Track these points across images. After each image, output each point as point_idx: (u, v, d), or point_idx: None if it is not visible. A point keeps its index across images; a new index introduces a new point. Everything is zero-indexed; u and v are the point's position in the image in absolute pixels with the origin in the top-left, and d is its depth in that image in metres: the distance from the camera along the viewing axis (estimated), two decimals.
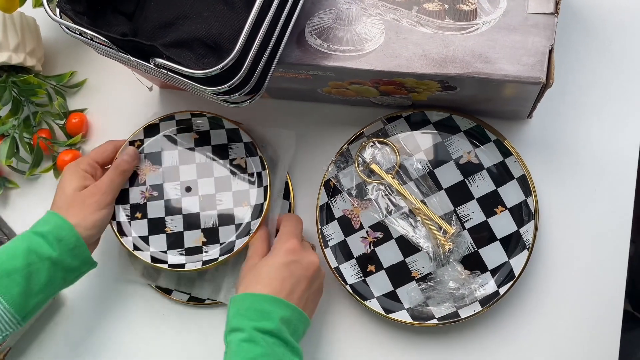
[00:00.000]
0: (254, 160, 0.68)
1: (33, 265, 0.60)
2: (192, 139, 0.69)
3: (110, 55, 0.59)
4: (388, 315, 0.65)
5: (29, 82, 0.73)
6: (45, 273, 0.60)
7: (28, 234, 0.62)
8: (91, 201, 0.64)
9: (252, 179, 0.68)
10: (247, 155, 0.68)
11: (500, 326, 0.66)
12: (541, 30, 0.56)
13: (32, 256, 0.60)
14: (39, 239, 0.61)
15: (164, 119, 0.70)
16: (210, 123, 0.69)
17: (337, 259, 0.67)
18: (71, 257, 0.62)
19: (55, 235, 0.61)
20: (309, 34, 0.60)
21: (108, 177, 0.67)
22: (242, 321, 0.57)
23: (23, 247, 0.60)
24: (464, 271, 0.64)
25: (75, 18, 0.57)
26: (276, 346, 0.56)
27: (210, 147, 0.69)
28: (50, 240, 0.61)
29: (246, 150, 0.68)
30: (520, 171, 0.64)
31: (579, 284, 0.65)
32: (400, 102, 0.67)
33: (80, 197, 0.64)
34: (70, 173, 0.66)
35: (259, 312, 0.57)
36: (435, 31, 0.57)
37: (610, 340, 0.64)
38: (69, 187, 0.65)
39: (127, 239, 0.68)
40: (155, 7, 0.60)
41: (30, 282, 0.60)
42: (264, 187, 0.67)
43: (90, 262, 0.65)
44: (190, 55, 0.56)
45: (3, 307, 0.58)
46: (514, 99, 0.61)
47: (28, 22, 0.75)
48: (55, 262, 0.61)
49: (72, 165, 0.67)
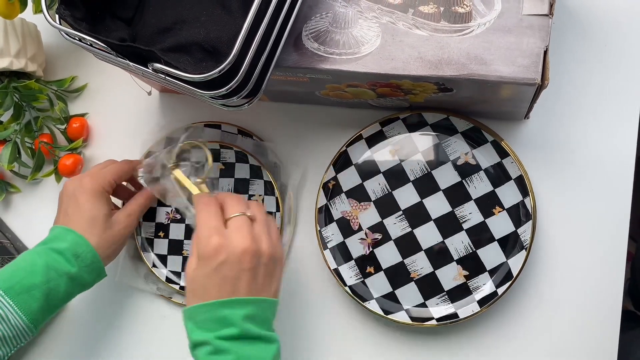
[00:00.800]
0: (270, 199, 0.70)
1: (52, 281, 0.60)
2: (219, 170, 0.72)
3: (109, 61, 0.60)
4: (387, 316, 0.65)
5: (30, 88, 0.74)
6: (63, 289, 0.61)
7: (45, 250, 0.62)
8: (119, 228, 0.65)
9: None
10: (265, 193, 0.71)
11: (499, 326, 0.66)
12: (536, 31, 0.56)
13: (52, 273, 0.60)
14: (57, 255, 0.61)
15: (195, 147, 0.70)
16: (236, 156, 0.72)
17: (336, 261, 0.67)
18: (87, 273, 0.62)
19: (72, 252, 0.61)
20: (306, 37, 0.60)
21: (139, 205, 0.68)
22: (203, 334, 0.53)
23: (41, 263, 0.60)
24: (463, 271, 0.65)
25: (75, 24, 0.58)
26: (246, 346, 0.52)
27: (233, 180, 0.72)
28: (68, 257, 0.61)
29: (265, 188, 0.71)
30: (517, 172, 0.65)
31: (577, 283, 0.65)
32: (398, 104, 0.67)
33: (106, 222, 0.64)
34: (94, 195, 0.64)
35: (217, 320, 0.53)
36: (431, 33, 0.58)
37: (609, 340, 0.64)
38: (94, 210, 0.63)
39: (149, 255, 0.72)
40: (153, 12, 0.61)
41: (49, 297, 0.60)
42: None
43: (103, 274, 0.65)
44: (188, 59, 0.56)
45: (23, 322, 0.59)
46: (510, 100, 0.61)
47: (29, 28, 0.76)
48: (72, 277, 0.61)
49: (93, 185, 0.64)
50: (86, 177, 0.65)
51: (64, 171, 0.74)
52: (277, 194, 0.70)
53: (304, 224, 0.71)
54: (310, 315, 0.69)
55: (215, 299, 0.53)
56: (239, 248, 0.53)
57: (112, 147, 0.77)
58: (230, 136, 0.73)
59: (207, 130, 0.73)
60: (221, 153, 0.72)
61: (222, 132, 0.73)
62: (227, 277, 0.53)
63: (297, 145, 0.72)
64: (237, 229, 0.54)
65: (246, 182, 0.71)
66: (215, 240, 0.53)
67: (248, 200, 0.66)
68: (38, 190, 0.78)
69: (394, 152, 0.68)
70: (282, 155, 0.72)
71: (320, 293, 0.70)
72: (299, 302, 0.70)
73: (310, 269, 0.70)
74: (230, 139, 0.73)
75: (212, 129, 0.73)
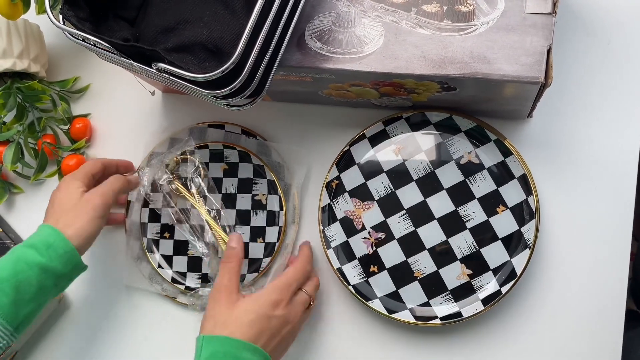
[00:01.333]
0: (273, 198, 0.70)
1: (22, 273, 0.58)
2: (222, 170, 0.72)
3: (112, 61, 0.60)
4: (391, 315, 0.65)
5: (34, 88, 0.74)
6: (35, 280, 0.59)
7: (18, 247, 0.61)
8: (86, 208, 0.63)
9: (270, 217, 0.70)
10: (268, 192, 0.71)
11: (503, 325, 0.66)
12: (539, 30, 0.56)
13: (20, 264, 0.59)
14: (28, 248, 0.60)
15: (199, 147, 0.72)
16: (239, 156, 0.72)
17: (340, 260, 0.67)
18: (62, 264, 0.60)
19: (44, 242, 0.60)
20: (309, 37, 0.60)
21: (111, 185, 0.66)
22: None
23: (10, 257, 0.59)
24: (466, 270, 0.65)
25: (78, 24, 0.58)
26: None
27: (237, 180, 0.72)
28: (39, 247, 0.60)
29: (268, 187, 0.71)
30: (520, 170, 0.65)
31: (580, 282, 0.65)
32: (401, 103, 0.67)
33: (74, 204, 0.63)
34: (65, 184, 0.65)
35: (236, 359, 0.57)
36: (434, 32, 0.58)
37: (613, 338, 0.64)
38: (62, 197, 0.64)
39: (154, 256, 0.72)
40: (156, 12, 0.61)
41: (20, 291, 0.58)
42: (279, 227, 0.70)
43: (81, 266, 0.63)
44: (191, 59, 0.57)
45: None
46: (514, 98, 0.61)
47: (32, 29, 0.76)
48: (44, 268, 0.59)
49: (67, 177, 0.66)
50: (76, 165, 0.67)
51: (67, 171, 0.74)
52: (281, 193, 0.70)
53: (308, 224, 0.71)
54: (314, 314, 0.69)
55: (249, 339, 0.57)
56: (292, 317, 0.61)
57: (115, 147, 0.77)
58: (234, 136, 0.73)
59: (210, 131, 0.73)
60: (225, 153, 0.72)
61: (225, 132, 0.73)
62: (272, 328, 0.59)
63: (301, 144, 0.72)
64: (300, 304, 0.63)
65: (249, 181, 0.71)
66: (287, 298, 0.61)
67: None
68: (41, 191, 0.78)
69: (397, 151, 0.68)
70: (286, 155, 0.72)
71: (323, 292, 0.70)
72: None
73: (314, 268, 0.70)
74: (234, 139, 0.73)
75: (216, 129, 0.73)
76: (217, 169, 0.72)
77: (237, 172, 0.72)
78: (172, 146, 0.73)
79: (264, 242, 0.70)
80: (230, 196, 0.71)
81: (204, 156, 0.72)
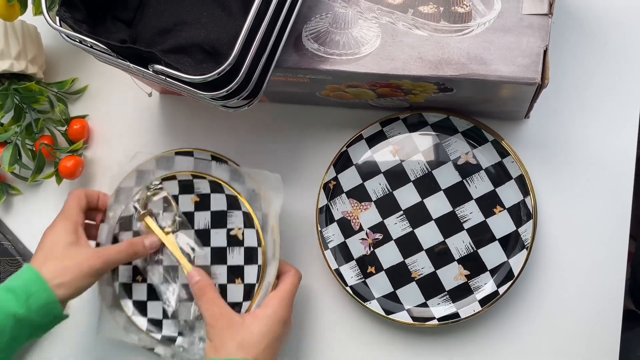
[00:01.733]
0: (250, 233, 0.65)
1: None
2: (193, 202, 0.67)
3: (109, 62, 0.60)
4: (388, 316, 0.65)
5: (31, 90, 0.74)
6: (8, 331, 0.55)
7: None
8: (82, 263, 0.59)
9: (247, 255, 0.65)
10: (244, 226, 0.65)
11: (500, 325, 0.66)
12: (536, 31, 0.56)
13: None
14: (7, 293, 0.56)
15: (166, 179, 0.67)
16: (211, 186, 0.66)
17: (337, 261, 0.68)
18: (40, 315, 0.56)
19: (24, 289, 0.56)
20: (306, 38, 0.60)
21: (117, 250, 0.62)
22: None
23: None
24: (464, 271, 0.65)
25: (75, 26, 0.58)
26: None
27: (209, 213, 0.66)
28: (18, 294, 0.56)
29: (244, 219, 0.65)
30: (518, 171, 0.65)
31: (578, 282, 0.65)
32: (398, 104, 0.67)
33: (65, 251, 0.60)
34: (57, 225, 0.62)
35: None
36: (431, 34, 0.58)
37: (611, 339, 0.64)
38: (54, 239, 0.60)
39: (127, 302, 0.68)
40: (154, 13, 0.61)
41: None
42: (258, 265, 0.64)
43: (61, 317, 0.59)
44: (188, 61, 0.57)
45: None
46: (511, 99, 0.61)
47: (29, 30, 0.76)
48: (20, 320, 0.55)
49: (59, 218, 0.63)
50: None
51: (65, 173, 0.74)
52: (258, 226, 0.64)
53: (304, 225, 0.71)
54: (311, 315, 0.69)
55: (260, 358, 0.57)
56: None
57: (113, 148, 0.77)
58: (204, 163, 0.67)
59: (177, 159, 0.68)
60: (194, 184, 0.67)
61: (195, 160, 0.68)
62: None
63: (298, 145, 0.72)
64: None
65: (223, 215, 0.66)
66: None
67: None
68: (39, 192, 0.78)
69: (394, 152, 0.68)
70: (260, 181, 0.65)
71: (321, 293, 0.70)
72: (300, 302, 0.70)
73: (311, 269, 0.70)
74: (204, 167, 0.67)
75: (184, 156, 0.68)
76: (187, 202, 0.67)
77: (209, 205, 0.66)
78: (139, 179, 0.69)
79: (242, 282, 0.64)
80: (203, 232, 0.66)
81: (173, 188, 0.67)
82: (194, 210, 0.67)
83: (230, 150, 0.72)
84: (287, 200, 0.71)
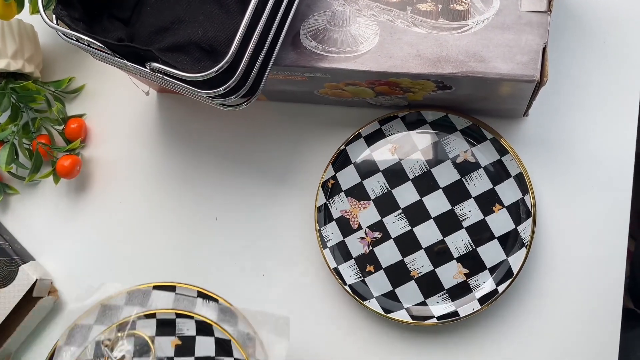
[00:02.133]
0: None
1: None
2: (173, 346, 0.57)
3: (106, 61, 0.59)
4: (387, 315, 0.65)
5: (28, 89, 0.73)
6: None
7: None
8: None
9: None
10: None
11: (500, 324, 0.66)
12: (534, 28, 0.56)
13: None
14: None
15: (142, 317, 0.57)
16: (197, 327, 0.57)
17: (336, 260, 0.67)
18: None
19: None
20: (304, 36, 0.60)
21: None
22: None
23: None
24: (463, 269, 0.65)
25: (72, 24, 0.57)
26: None
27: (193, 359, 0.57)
28: None
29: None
30: (517, 169, 0.65)
31: (577, 281, 0.65)
32: (396, 102, 0.67)
33: None
34: None
35: None
36: (429, 31, 0.58)
37: (610, 338, 0.64)
38: None
39: None
40: (151, 12, 0.61)
41: None
42: None
43: None
44: (186, 59, 0.56)
45: None
46: (509, 97, 0.61)
47: (26, 29, 0.75)
48: None
49: None
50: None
51: (62, 172, 0.73)
52: None
53: (303, 224, 0.70)
54: (310, 314, 0.69)
55: None
56: None
57: (110, 147, 0.77)
58: (188, 300, 0.58)
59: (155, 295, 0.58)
60: (177, 324, 0.57)
61: (176, 296, 0.59)
62: None
63: (296, 144, 0.72)
64: None
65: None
66: None
67: None
68: (36, 192, 0.78)
69: (393, 150, 0.67)
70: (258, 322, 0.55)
71: (319, 292, 0.69)
72: (299, 301, 0.69)
73: (310, 268, 0.70)
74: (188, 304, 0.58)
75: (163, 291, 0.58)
76: (166, 346, 0.57)
77: (194, 350, 0.57)
78: (103, 316, 0.58)
79: None
80: None
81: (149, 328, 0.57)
82: (174, 355, 0.57)
83: (229, 149, 0.71)
84: (287, 200, 0.71)
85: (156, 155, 0.75)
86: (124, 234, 0.74)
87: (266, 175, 0.72)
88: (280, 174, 0.72)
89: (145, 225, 0.74)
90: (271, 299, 0.70)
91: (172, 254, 0.72)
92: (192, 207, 0.73)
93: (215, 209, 0.72)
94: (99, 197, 0.75)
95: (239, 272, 0.71)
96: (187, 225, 0.73)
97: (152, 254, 0.73)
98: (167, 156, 0.75)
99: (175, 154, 0.75)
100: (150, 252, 0.73)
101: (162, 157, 0.75)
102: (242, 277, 0.71)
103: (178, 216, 0.73)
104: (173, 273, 0.71)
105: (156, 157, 0.75)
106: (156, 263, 0.72)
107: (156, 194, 0.74)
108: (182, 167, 0.74)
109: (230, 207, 0.72)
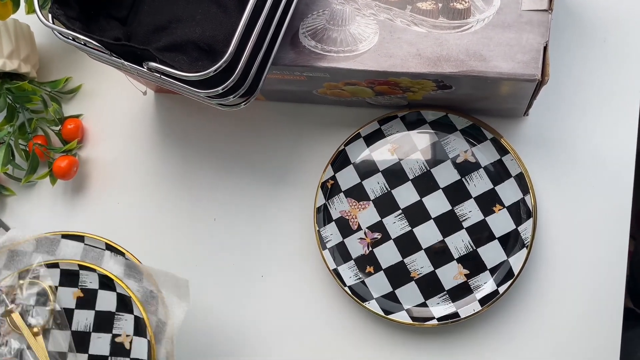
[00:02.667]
0: (140, 342, 0.54)
1: None
2: (75, 298, 0.57)
3: (103, 60, 0.59)
4: (387, 316, 0.65)
5: (24, 89, 0.73)
6: None
7: None
8: None
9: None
10: (134, 333, 0.55)
11: (501, 325, 0.66)
12: (535, 27, 0.55)
13: None
14: None
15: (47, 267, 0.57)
16: (100, 281, 0.56)
17: (336, 261, 0.67)
18: None
19: None
20: (303, 35, 0.59)
21: None
22: None
23: None
24: (463, 270, 0.64)
25: (68, 23, 0.57)
26: None
27: (93, 313, 0.56)
28: None
29: (135, 325, 0.55)
30: (517, 169, 0.64)
31: (578, 281, 0.65)
32: (396, 102, 0.66)
33: None
34: None
35: None
36: (429, 30, 0.57)
37: (612, 338, 0.64)
38: None
39: None
40: (148, 11, 0.60)
41: None
42: None
43: None
44: (184, 58, 0.56)
45: None
46: (510, 96, 0.60)
47: (22, 29, 0.75)
48: None
49: None
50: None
51: (59, 173, 0.73)
52: (150, 334, 0.54)
53: (302, 225, 0.70)
54: (309, 316, 0.69)
55: None
56: None
57: (107, 148, 0.76)
58: (95, 252, 0.58)
59: (63, 244, 0.58)
60: (80, 276, 0.57)
61: (84, 247, 0.59)
62: None
63: (295, 144, 0.71)
64: None
65: (110, 316, 0.56)
66: None
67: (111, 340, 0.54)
68: (33, 193, 0.77)
69: (392, 150, 0.67)
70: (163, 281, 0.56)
71: (319, 294, 0.69)
72: (298, 303, 0.69)
73: (309, 269, 0.69)
74: (95, 257, 0.58)
75: (72, 240, 0.59)
76: (68, 297, 0.57)
77: (95, 303, 0.56)
78: (10, 262, 0.58)
79: None
80: (82, 335, 0.56)
81: (53, 278, 0.57)
82: (74, 307, 0.57)
83: (228, 149, 0.71)
84: (286, 201, 0.70)
85: (154, 156, 0.75)
86: (121, 235, 0.73)
87: (265, 175, 0.72)
88: (279, 175, 0.71)
89: (143, 227, 0.73)
90: (270, 300, 0.69)
91: (171, 254, 0.72)
92: (190, 208, 0.73)
93: (214, 210, 0.72)
94: (96, 198, 0.75)
95: (238, 273, 0.70)
96: (185, 226, 0.72)
97: (150, 256, 0.72)
98: (165, 157, 0.74)
99: (173, 154, 0.74)
100: (148, 254, 0.72)
101: (160, 157, 0.74)
102: (240, 279, 0.70)
103: (176, 217, 0.73)
104: None
105: (154, 157, 0.74)
106: (154, 264, 0.72)
107: (154, 195, 0.74)
108: (179, 167, 0.74)
109: (229, 208, 0.72)
